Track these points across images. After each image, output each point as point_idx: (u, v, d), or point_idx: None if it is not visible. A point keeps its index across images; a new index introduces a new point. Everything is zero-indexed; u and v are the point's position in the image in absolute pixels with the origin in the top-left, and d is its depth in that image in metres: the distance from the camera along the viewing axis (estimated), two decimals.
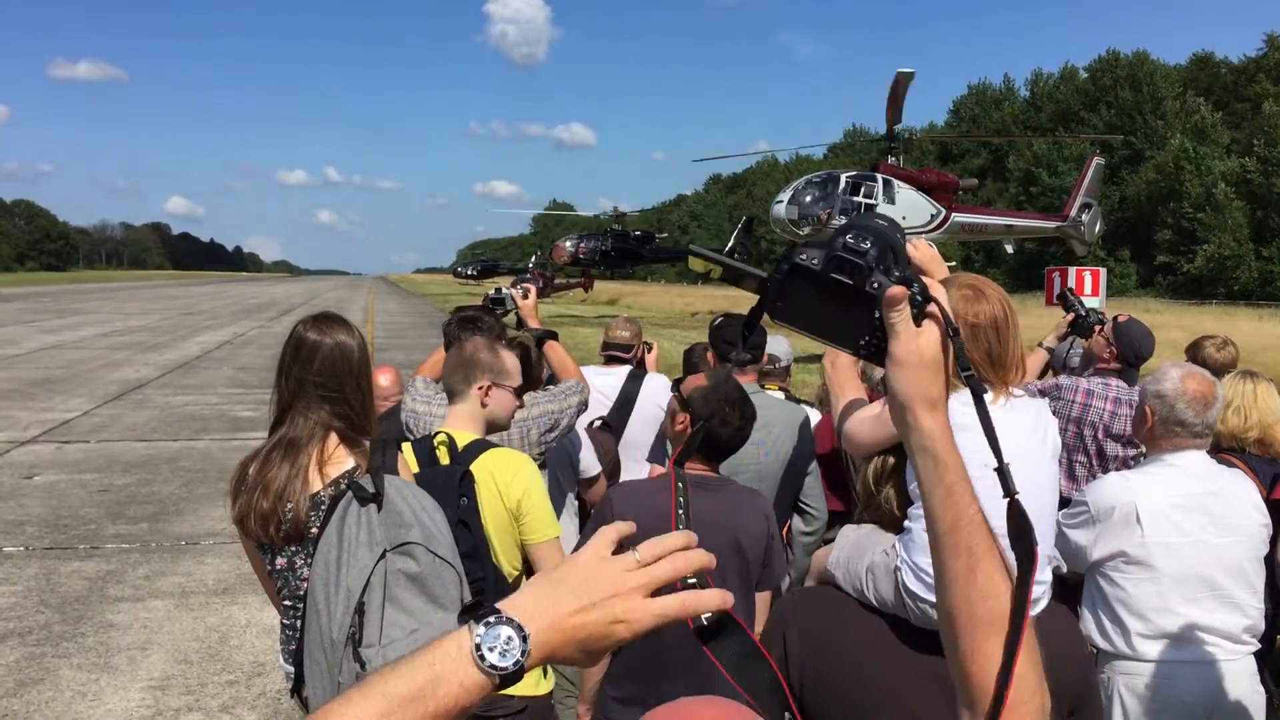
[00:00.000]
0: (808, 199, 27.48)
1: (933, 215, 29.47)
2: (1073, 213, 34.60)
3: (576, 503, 4.67)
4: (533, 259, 62.00)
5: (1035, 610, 2.33)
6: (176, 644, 6.50)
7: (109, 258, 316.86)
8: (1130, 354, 4.94)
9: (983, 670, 1.14)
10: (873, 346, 1.13)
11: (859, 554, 2.40)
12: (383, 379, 5.04)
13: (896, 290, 1.10)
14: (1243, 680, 3.30)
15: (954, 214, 30.32)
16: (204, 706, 5.62)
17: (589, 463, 4.66)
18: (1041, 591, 2.36)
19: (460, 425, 3.43)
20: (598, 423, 5.03)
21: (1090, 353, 5.33)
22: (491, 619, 1.00)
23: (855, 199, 27.46)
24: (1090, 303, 9.27)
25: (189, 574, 7.89)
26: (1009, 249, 41.42)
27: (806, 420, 4.36)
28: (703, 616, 1.07)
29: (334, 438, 2.98)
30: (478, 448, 3.35)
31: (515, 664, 0.99)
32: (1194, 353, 5.32)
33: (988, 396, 2.40)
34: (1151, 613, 3.30)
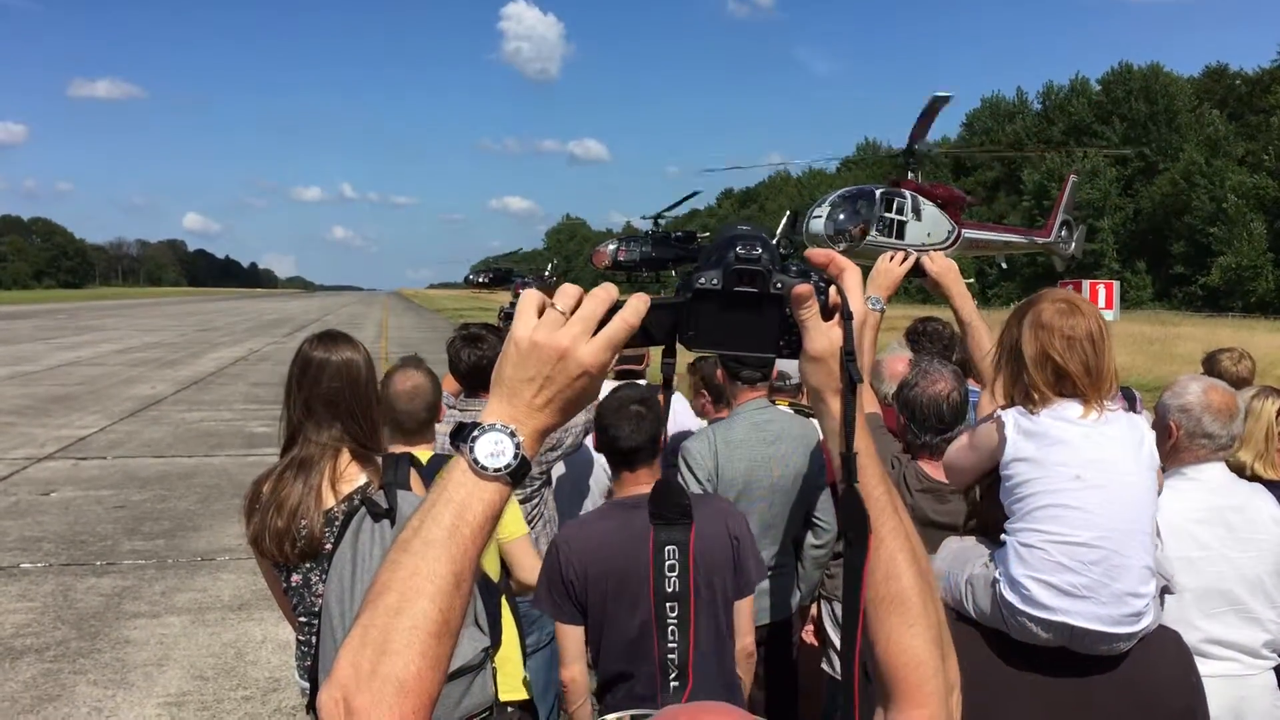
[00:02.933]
0: (842, 215, 27.56)
1: (949, 231, 29.71)
2: (1054, 230, 35.61)
3: None
4: (548, 268, 61.70)
5: (1138, 627, 2.30)
6: (192, 660, 6.51)
7: (125, 274, 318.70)
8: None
9: (884, 650, 1.16)
10: (791, 345, 1.15)
11: (960, 565, 2.40)
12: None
13: (802, 288, 1.12)
14: (1263, 695, 3.26)
15: (964, 230, 30.57)
16: None
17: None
18: (1144, 606, 2.31)
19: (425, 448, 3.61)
20: None
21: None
22: (474, 433, 1.06)
23: (889, 215, 27.57)
24: (1104, 316, 9.27)
25: (205, 590, 7.91)
26: (1003, 265, 41.97)
27: (817, 435, 4.35)
28: None
29: (345, 454, 2.99)
30: (438, 462, 3.37)
31: (515, 456, 1.06)
32: (1210, 366, 5.29)
33: (1077, 411, 2.43)
34: (1171, 626, 3.26)
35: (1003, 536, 2.40)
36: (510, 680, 3.34)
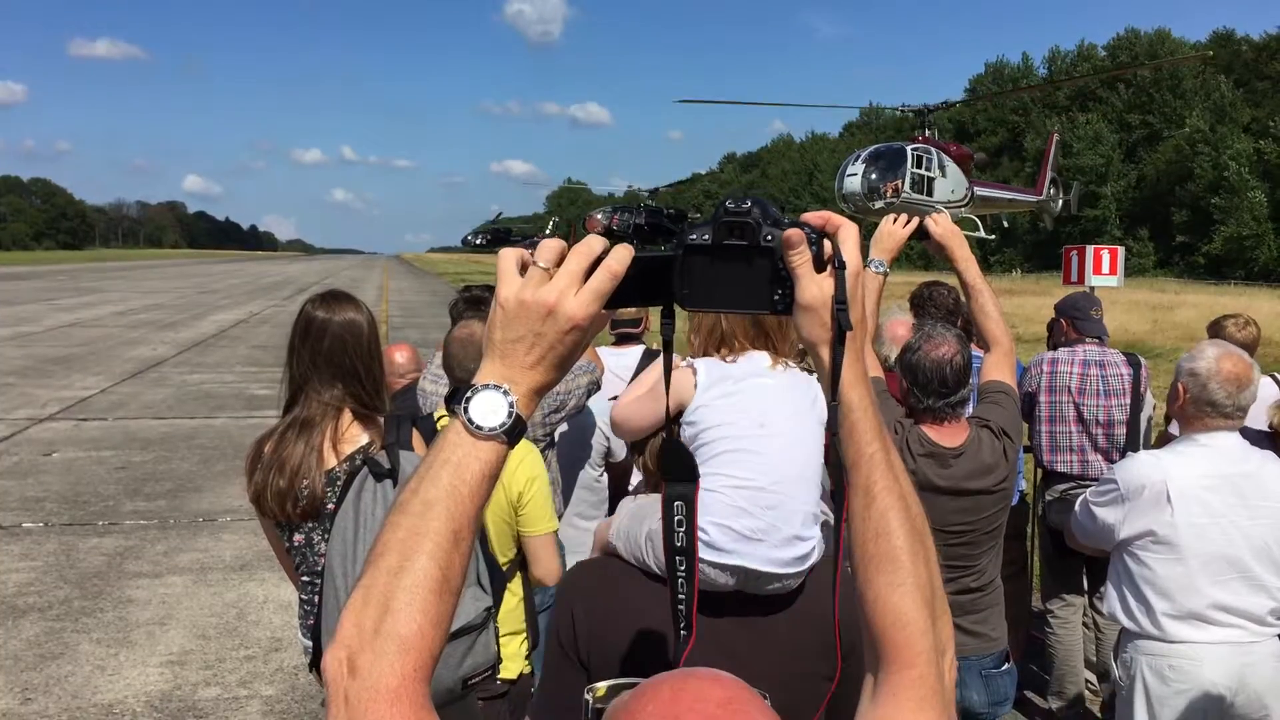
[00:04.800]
0: (875, 174, 27.45)
1: (967, 188, 29.82)
2: (1044, 188, 36.03)
3: (605, 479, 4.64)
4: (549, 225, 61.18)
5: (804, 567, 2.36)
6: (194, 619, 6.54)
7: (125, 236, 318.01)
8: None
9: (872, 609, 1.14)
10: (785, 300, 1.14)
11: (637, 523, 2.40)
12: (399, 355, 5.03)
13: (792, 232, 1.11)
14: (1268, 663, 3.26)
15: (975, 188, 30.74)
16: (222, 681, 5.65)
17: (618, 447, 4.63)
18: (809, 548, 2.37)
19: None
20: (613, 401, 4.99)
21: (1059, 330, 5.55)
22: (468, 394, 1.07)
23: (920, 171, 27.55)
24: (1109, 281, 9.24)
25: (206, 550, 7.93)
26: (1005, 224, 42.30)
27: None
28: None
29: (347, 415, 2.98)
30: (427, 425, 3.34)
31: (509, 415, 1.07)
32: (1214, 332, 5.27)
33: (767, 362, 2.48)
34: (1178, 593, 3.26)
35: None
36: (510, 663, 3.35)
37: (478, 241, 70.80)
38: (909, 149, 27.97)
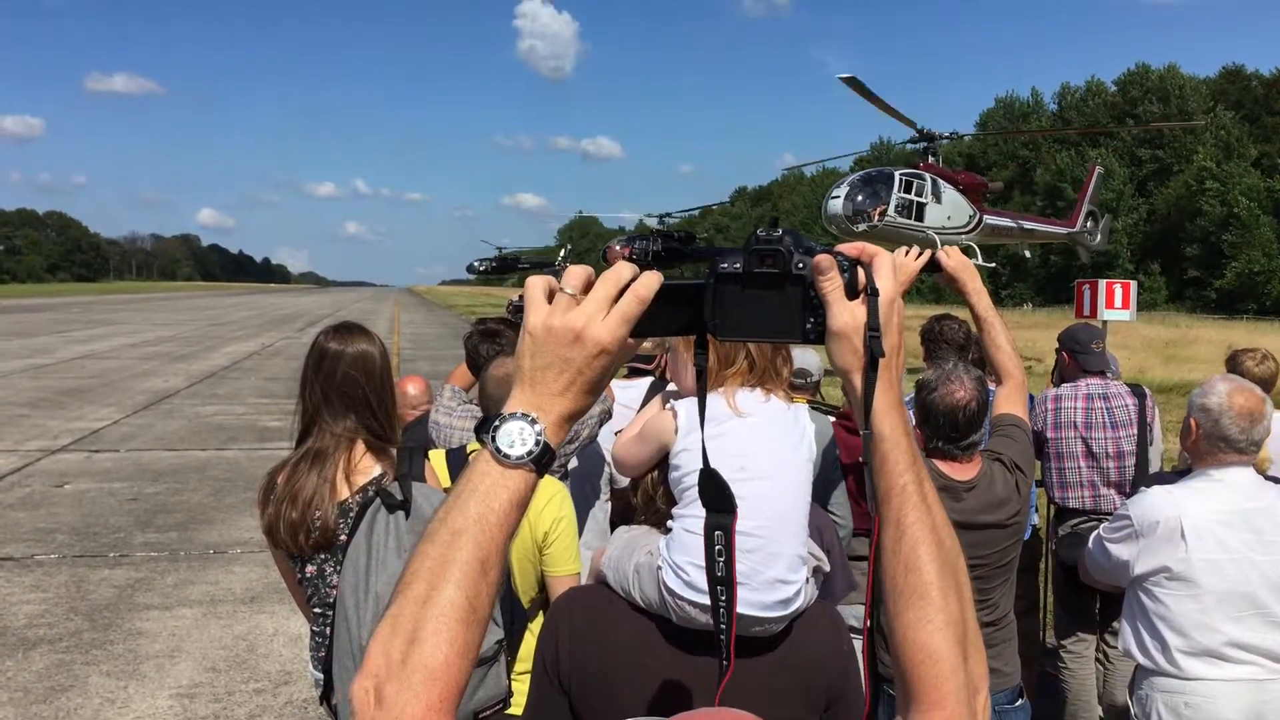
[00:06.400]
0: (861, 196, 27.31)
1: (970, 216, 29.52)
2: (1080, 220, 35.46)
3: (609, 507, 4.64)
4: (561, 254, 61.30)
5: (787, 611, 2.34)
6: (204, 652, 6.52)
7: (139, 269, 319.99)
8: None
9: (901, 645, 1.11)
10: (818, 328, 1.13)
11: (628, 554, 2.40)
12: (411, 388, 5.04)
13: (823, 258, 1.11)
14: None
15: (985, 216, 30.42)
16: (231, 715, 5.63)
17: (621, 475, 4.63)
18: (793, 592, 2.36)
19: None
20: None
21: (1061, 364, 5.58)
22: (496, 423, 1.07)
23: (908, 196, 27.37)
24: (1121, 315, 9.23)
25: (217, 582, 7.92)
26: (1026, 254, 41.79)
27: (832, 430, 4.34)
28: None
29: (360, 446, 2.98)
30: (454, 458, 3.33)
31: (537, 443, 1.06)
32: (1232, 366, 5.25)
33: (759, 399, 2.46)
34: (1193, 630, 3.23)
35: (670, 523, 2.42)
36: (523, 699, 3.33)
37: (482, 268, 70.74)
38: (898, 174, 27.84)
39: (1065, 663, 5.27)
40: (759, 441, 2.46)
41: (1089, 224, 35.80)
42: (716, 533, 1.36)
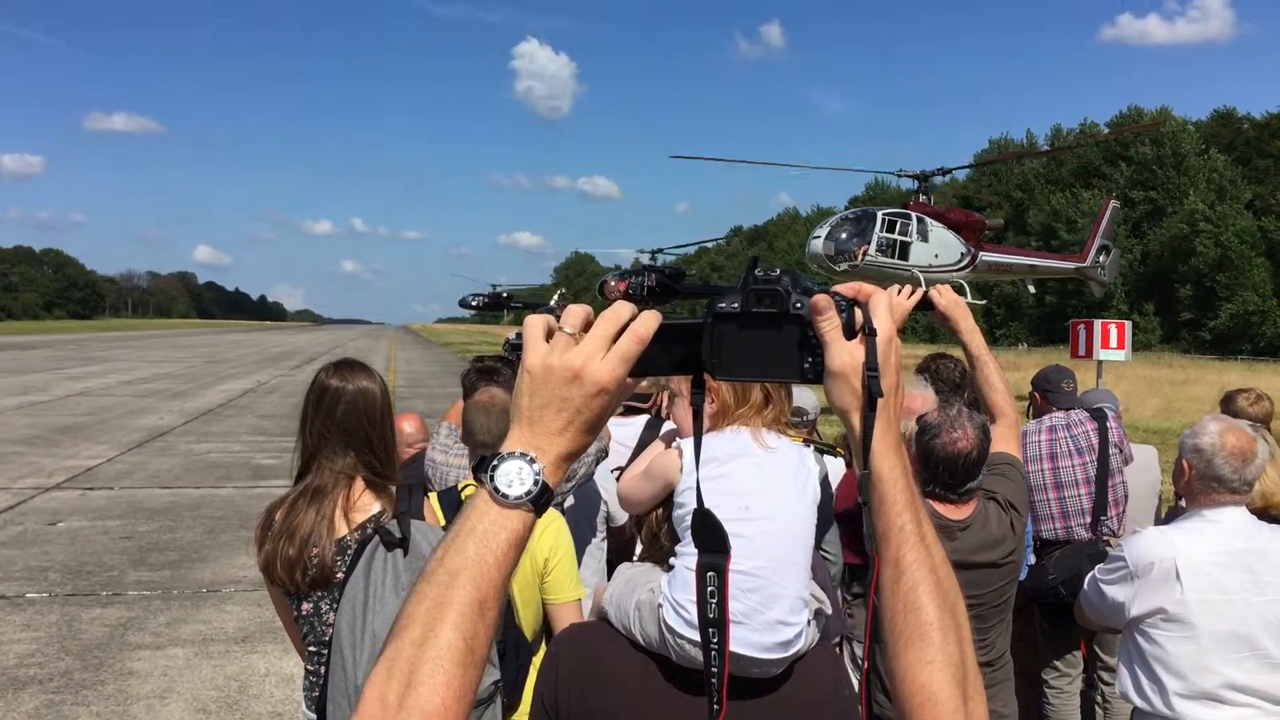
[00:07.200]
0: (843, 235, 27.30)
1: (962, 254, 29.36)
2: (1091, 255, 35.08)
3: (605, 545, 4.64)
4: (556, 295, 61.41)
5: (788, 653, 2.34)
6: (195, 693, 6.47)
7: (135, 306, 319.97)
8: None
9: (901, 685, 1.11)
10: (816, 367, 1.14)
11: (630, 590, 2.40)
12: (407, 426, 5.04)
13: (820, 298, 1.11)
14: None
15: (981, 253, 30.26)
16: None
17: (618, 512, 4.63)
18: (794, 634, 2.36)
19: None
20: (616, 473, 5.00)
21: (1034, 404, 5.68)
22: (494, 462, 1.06)
23: (890, 235, 27.35)
24: (1116, 356, 9.27)
25: (209, 622, 7.87)
26: (1031, 289, 41.49)
27: (825, 469, 4.34)
28: None
29: (359, 483, 2.99)
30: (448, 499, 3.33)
31: (535, 483, 1.06)
32: (1226, 407, 5.28)
33: (760, 436, 2.47)
34: (1190, 672, 3.22)
35: (671, 561, 2.43)
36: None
37: (475, 303, 70.79)
38: (880, 213, 27.83)
39: (1048, 697, 5.23)
40: (764, 481, 2.47)
41: (1101, 257, 35.42)
42: (709, 574, 1.36)
